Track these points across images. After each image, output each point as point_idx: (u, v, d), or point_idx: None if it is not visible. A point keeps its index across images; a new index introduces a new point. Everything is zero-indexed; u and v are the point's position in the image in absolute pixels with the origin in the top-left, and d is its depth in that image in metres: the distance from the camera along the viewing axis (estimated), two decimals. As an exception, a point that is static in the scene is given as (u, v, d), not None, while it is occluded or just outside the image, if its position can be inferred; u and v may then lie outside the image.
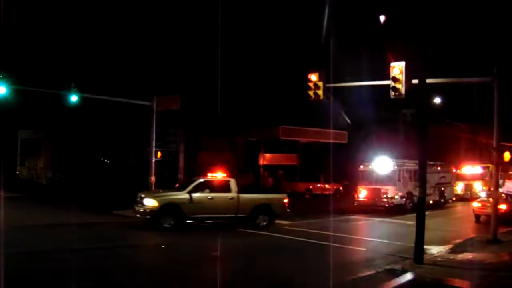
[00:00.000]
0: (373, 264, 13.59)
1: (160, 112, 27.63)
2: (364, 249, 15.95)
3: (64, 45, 38.03)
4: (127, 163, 38.05)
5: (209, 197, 19.75)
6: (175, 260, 13.83)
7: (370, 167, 29.39)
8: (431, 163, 30.69)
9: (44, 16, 38.37)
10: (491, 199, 19.25)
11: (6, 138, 38.31)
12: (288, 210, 21.58)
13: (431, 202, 29.21)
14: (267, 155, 42.96)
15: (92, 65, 36.93)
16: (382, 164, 29.03)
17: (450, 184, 33.94)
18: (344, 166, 36.80)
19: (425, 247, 13.55)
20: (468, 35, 40.15)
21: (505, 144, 19.09)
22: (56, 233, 17.37)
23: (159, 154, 27.77)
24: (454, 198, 34.34)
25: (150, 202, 19.12)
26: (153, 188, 26.04)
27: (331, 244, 15.99)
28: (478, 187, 38.22)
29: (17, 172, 44.88)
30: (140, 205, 19.33)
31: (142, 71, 36.17)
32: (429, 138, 15.64)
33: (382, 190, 28.02)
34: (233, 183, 20.63)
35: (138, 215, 19.43)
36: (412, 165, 29.18)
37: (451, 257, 14.10)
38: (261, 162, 42.82)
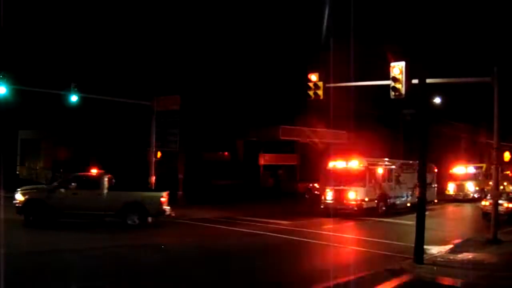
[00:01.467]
0: (373, 264, 13.59)
1: (160, 112, 27.64)
2: (364, 249, 15.94)
3: (64, 45, 38.02)
4: (127, 163, 38.04)
5: (73, 193, 19.24)
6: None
7: (338, 166, 26.92)
8: (410, 162, 29.64)
9: (44, 16, 38.37)
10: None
11: (6, 138, 38.29)
12: (167, 208, 20.14)
13: (408, 205, 28.07)
14: (267, 155, 43.01)
15: (92, 65, 36.91)
16: (349, 163, 26.53)
17: (431, 185, 31.24)
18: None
19: (425, 247, 13.54)
20: (468, 35, 40.17)
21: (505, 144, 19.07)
22: (55, 233, 17.37)
23: (159, 154, 27.80)
24: (436, 200, 32.10)
25: (18, 197, 19.14)
26: (153, 188, 26.07)
27: (331, 244, 15.98)
28: (471, 188, 37.16)
29: (17, 172, 44.83)
30: (14, 199, 19.34)
31: (142, 71, 36.17)
32: (427, 137, 15.63)
33: (350, 192, 25.50)
34: (105, 179, 19.72)
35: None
36: (387, 164, 27.97)
37: (451, 257, 14.10)
38: (261, 162, 42.85)
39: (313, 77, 18.40)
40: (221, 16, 38.07)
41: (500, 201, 19.62)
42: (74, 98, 25.38)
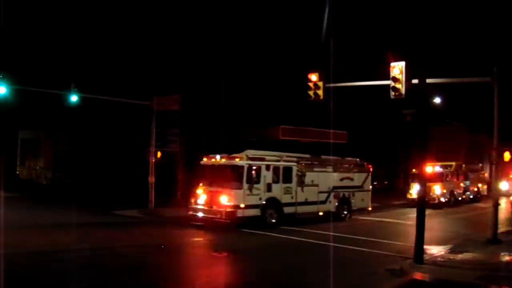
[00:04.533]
0: (373, 264, 13.59)
1: (160, 112, 27.64)
2: (364, 249, 15.94)
3: (64, 45, 38.03)
4: (127, 163, 38.04)
5: None
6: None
7: (212, 161, 21.49)
8: (325, 158, 24.72)
9: (44, 16, 38.37)
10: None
11: (6, 138, 38.32)
12: None
13: (320, 213, 22.99)
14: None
15: (92, 65, 36.92)
16: (225, 158, 21.10)
17: (362, 188, 25.72)
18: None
19: (425, 247, 13.55)
20: (468, 35, 40.17)
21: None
22: (55, 233, 17.37)
23: (159, 154, 27.78)
24: (370, 208, 26.34)
25: None
26: (153, 188, 26.09)
27: (331, 244, 15.98)
28: (437, 190, 32.03)
29: (17, 172, 44.85)
30: None
31: (142, 71, 36.16)
32: (427, 137, 15.63)
33: (222, 196, 19.87)
34: None
35: None
36: (285, 160, 22.03)
37: (451, 257, 14.10)
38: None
39: (313, 77, 18.38)
40: (222, 16, 38.07)
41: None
42: (74, 98, 25.37)
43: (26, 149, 45.78)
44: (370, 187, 26.55)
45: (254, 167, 20.34)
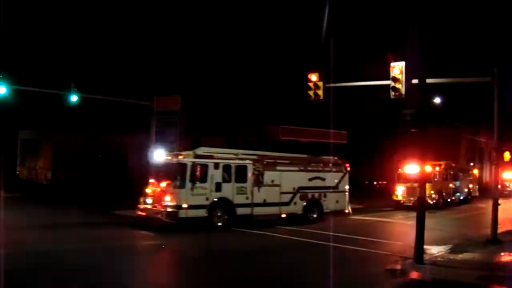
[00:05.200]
0: (373, 264, 13.59)
1: (160, 112, 27.64)
2: (364, 249, 15.94)
3: (64, 45, 38.06)
4: (127, 163, 38.03)
5: None
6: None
7: (162, 158, 20.50)
8: (287, 155, 23.31)
9: (44, 16, 38.39)
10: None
11: (6, 138, 38.32)
12: None
13: (283, 216, 21.28)
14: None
15: (92, 65, 36.94)
16: (172, 156, 20.12)
17: (337, 189, 23.73)
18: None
19: (425, 247, 13.54)
20: (468, 35, 40.20)
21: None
22: (55, 233, 17.37)
23: (159, 154, 27.73)
24: (348, 210, 24.29)
25: None
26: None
27: (331, 244, 15.97)
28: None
29: (17, 172, 44.83)
30: None
31: (142, 71, 36.19)
32: (427, 137, 15.63)
33: (166, 195, 18.86)
34: None
35: None
36: (238, 159, 20.61)
37: (451, 257, 14.09)
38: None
39: (313, 77, 18.38)
40: (222, 16, 38.09)
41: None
42: (74, 98, 25.42)
43: (26, 149, 45.75)
44: (347, 187, 24.22)
45: (199, 165, 19.04)
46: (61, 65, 36.54)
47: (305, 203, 22.11)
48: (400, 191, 30.25)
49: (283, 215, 21.30)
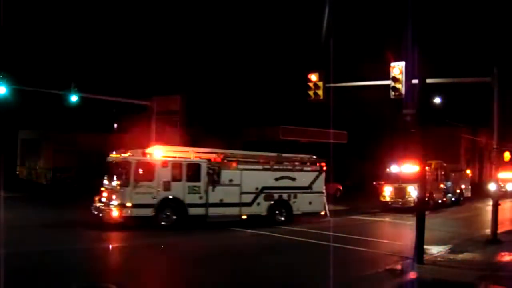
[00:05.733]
0: (373, 264, 13.59)
1: (160, 112, 27.66)
2: (364, 249, 15.94)
3: (64, 45, 38.08)
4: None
5: None
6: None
7: (113, 156, 19.72)
8: (250, 153, 22.41)
9: (44, 16, 38.40)
10: None
11: (6, 138, 38.33)
12: None
13: (244, 217, 20.11)
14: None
15: (92, 65, 36.96)
16: (123, 153, 19.33)
17: (310, 190, 22.15)
18: (344, 166, 36.83)
19: (425, 247, 13.53)
20: (468, 35, 40.21)
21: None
22: (54, 233, 17.37)
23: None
24: (323, 213, 22.66)
25: None
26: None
27: (331, 244, 15.97)
28: (413, 192, 27.18)
29: (17, 172, 44.83)
30: None
31: (142, 71, 36.21)
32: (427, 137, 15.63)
33: (113, 194, 18.49)
34: None
35: None
36: (188, 157, 19.82)
37: (451, 257, 14.09)
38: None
39: (313, 77, 18.39)
40: (222, 16, 38.10)
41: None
42: (74, 98, 25.45)
43: (26, 149, 45.76)
44: (323, 188, 22.73)
45: (144, 164, 18.65)
46: (61, 65, 36.57)
47: (270, 204, 20.80)
48: (387, 191, 28.65)
49: (244, 217, 20.13)
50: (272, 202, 20.86)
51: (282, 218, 21.00)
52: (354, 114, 41.16)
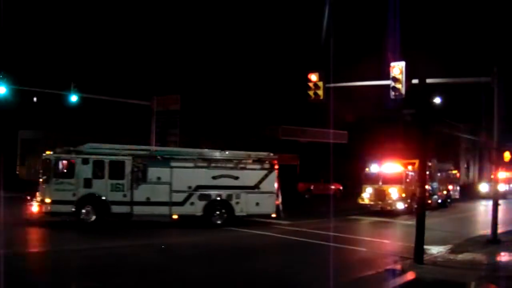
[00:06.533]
0: (373, 264, 13.59)
1: (160, 112, 27.66)
2: (364, 249, 15.94)
3: (64, 45, 38.07)
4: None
5: None
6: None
7: (44, 156, 19.96)
8: (183, 149, 21.54)
9: (44, 16, 38.40)
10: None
11: (6, 138, 38.34)
12: None
13: (175, 217, 19.27)
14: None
15: (92, 65, 36.96)
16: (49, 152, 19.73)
17: (258, 189, 20.43)
18: (344, 166, 36.81)
19: (425, 247, 13.53)
20: (468, 35, 40.21)
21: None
22: (54, 233, 17.37)
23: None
24: (274, 215, 20.62)
25: None
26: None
27: (331, 244, 15.97)
28: (394, 194, 25.56)
29: (17, 172, 44.82)
30: None
31: (142, 71, 36.21)
32: (427, 137, 15.63)
33: (39, 190, 19.19)
34: None
35: None
36: (116, 154, 19.30)
37: (451, 257, 14.09)
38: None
39: (313, 77, 18.37)
40: (222, 16, 38.09)
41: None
42: (74, 98, 25.47)
43: (26, 149, 45.75)
44: (275, 187, 20.74)
45: (64, 161, 18.76)
46: (61, 65, 36.56)
47: (206, 204, 19.67)
48: (366, 193, 26.50)
49: (175, 216, 19.28)
50: (208, 202, 19.73)
51: (219, 221, 19.83)
52: (354, 114, 41.16)
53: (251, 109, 38.87)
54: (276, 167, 21.12)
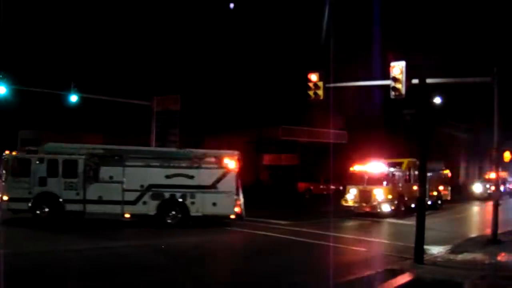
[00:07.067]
0: (373, 264, 13.58)
1: (160, 112, 27.66)
2: (364, 249, 15.94)
3: (64, 45, 38.08)
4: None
5: None
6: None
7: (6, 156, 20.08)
8: (135, 148, 20.96)
9: (44, 16, 38.40)
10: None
11: (6, 138, 38.35)
12: None
13: (127, 216, 19.17)
14: (267, 155, 42.96)
15: (92, 65, 36.97)
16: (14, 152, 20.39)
17: (214, 189, 19.55)
18: (344, 166, 36.81)
19: (425, 247, 13.53)
20: (468, 35, 40.19)
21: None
22: (54, 233, 17.38)
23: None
24: (233, 216, 19.61)
25: None
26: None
27: (331, 244, 15.97)
28: (379, 196, 24.25)
29: (17, 172, 44.88)
30: None
31: (142, 71, 36.22)
32: (427, 137, 15.63)
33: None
34: None
35: None
36: (75, 154, 19.52)
37: (451, 257, 14.08)
38: (262, 162, 42.82)
39: (313, 77, 18.37)
40: (222, 16, 38.07)
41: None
42: (74, 98, 25.46)
43: (26, 149, 45.79)
44: (233, 187, 19.68)
45: (20, 160, 19.37)
46: (61, 65, 36.58)
47: (159, 204, 19.32)
48: (351, 195, 25.01)
49: (127, 215, 19.20)
50: (161, 201, 19.34)
51: (172, 221, 19.37)
52: (354, 113, 41.15)
53: (251, 109, 38.88)
54: (237, 164, 19.97)
